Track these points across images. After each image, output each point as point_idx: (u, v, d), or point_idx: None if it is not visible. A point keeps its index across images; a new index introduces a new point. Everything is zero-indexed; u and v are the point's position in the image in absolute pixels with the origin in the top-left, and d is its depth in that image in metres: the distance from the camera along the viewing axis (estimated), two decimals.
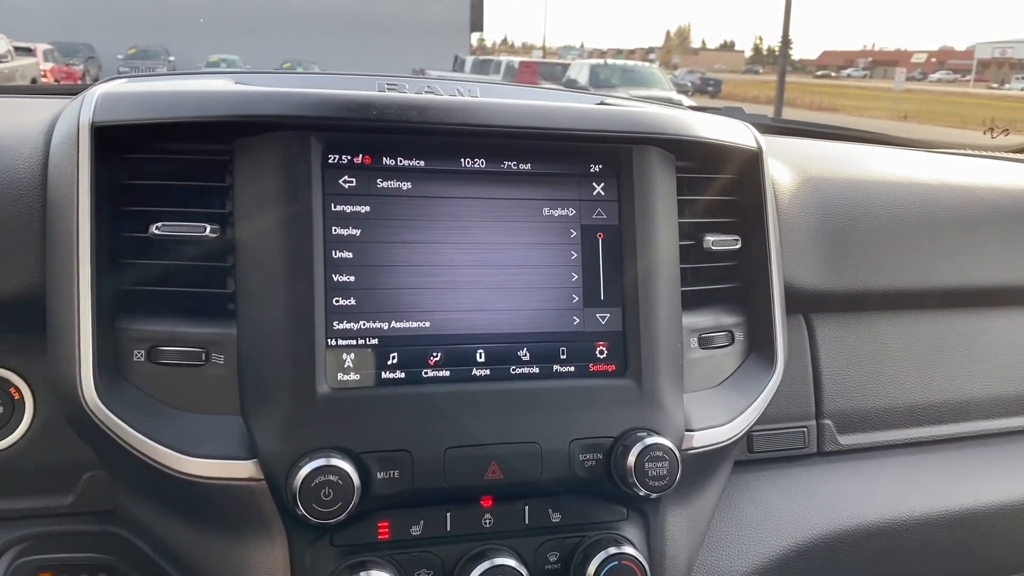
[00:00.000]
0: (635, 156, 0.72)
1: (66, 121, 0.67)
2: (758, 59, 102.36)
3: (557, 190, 0.71)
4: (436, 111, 0.67)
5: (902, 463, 0.95)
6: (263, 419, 0.63)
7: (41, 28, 20.09)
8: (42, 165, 0.67)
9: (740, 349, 0.82)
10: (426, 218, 0.67)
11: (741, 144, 0.80)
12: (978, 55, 61.39)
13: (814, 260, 0.88)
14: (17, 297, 0.66)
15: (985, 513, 0.91)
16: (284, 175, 0.64)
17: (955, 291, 0.98)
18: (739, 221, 0.82)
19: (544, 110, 0.71)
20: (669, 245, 0.74)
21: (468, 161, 0.69)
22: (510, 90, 1.00)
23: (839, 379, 0.93)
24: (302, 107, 0.65)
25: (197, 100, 0.66)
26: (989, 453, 0.99)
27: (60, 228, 0.64)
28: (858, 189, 0.93)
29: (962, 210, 0.98)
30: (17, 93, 1.02)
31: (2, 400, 0.68)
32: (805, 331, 0.93)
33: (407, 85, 0.81)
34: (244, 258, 0.65)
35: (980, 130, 1.41)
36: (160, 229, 0.65)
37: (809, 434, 0.91)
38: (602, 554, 0.67)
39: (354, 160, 0.66)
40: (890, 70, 53.78)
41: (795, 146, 1.06)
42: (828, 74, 75.86)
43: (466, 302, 0.68)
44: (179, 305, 0.66)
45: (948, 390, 0.98)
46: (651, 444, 0.66)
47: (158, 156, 0.67)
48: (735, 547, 0.82)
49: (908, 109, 21.29)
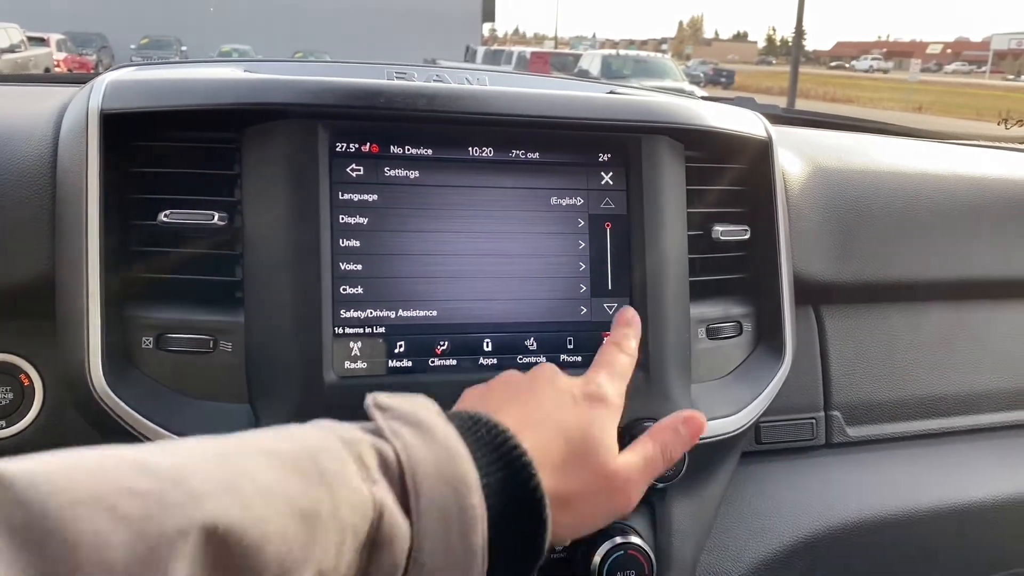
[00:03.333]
0: (644, 145, 0.72)
1: (75, 109, 0.67)
2: (771, 50, 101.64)
3: (565, 179, 0.71)
4: (444, 99, 0.67)
5: (911, 455, 0.94)
6: (270, 407, 0.64)
7: (54, 18, 20.16)
8: (51, 153, 0.67)
9: (748, 340, 0.82)
10: (434, 207, 0.67)
11: (751, 133, 0.79)
12: (994, 46, 60.73)
13: (824, 251, 0.88)
14: (27, 284, 0.67)
15: (995, 505, 0.91)
16: (292, 164, 0.64)
17: (967, 283, 0.98)
18: (748, 211, 0.81)
19: (553, 99, 0.70)
20: (678, 235, 0.74)
21: (476, 150, 0.69)
22: (519, 79, 1.00)
23: (848, 371, 0.93)
24: (309, 95, 0.65)
25: (205, 88, 0.66)
26: (999, 446, 0.98)
27: (69, 215, 0.64)
28: (869, 180, 0.92)
29: (975, 201, 0.97)
30: (27, 82, 1.03)
31: (12, 387, 0.68)
32: (814, 322, 0.92)
33: (416, 74, 0.80)
34: (252, 246, 0.66)
35: (995, 121, 1.40)
36: (169, 217, 0.65)
37: (817, 425, 0.91)
38: (608, 543, 0.67)
39: (362, 148, 0.66)
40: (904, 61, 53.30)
41: (806, 136, 1.05)
42: (842, 65, 75.27)
43: (473, 291, 0.68)
44: (188, 293, 0.67)
45: (958, 382, 0.98)
46: None
47: (167, 144, 0.67)
48: (742, 538, 0.82)
49: (922, 100, 21.10)
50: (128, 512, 0.30)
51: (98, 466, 0.32)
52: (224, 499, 0.33)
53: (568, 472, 0.49)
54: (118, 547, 0.30)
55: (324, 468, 0.37)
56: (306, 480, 0.36)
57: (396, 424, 0.42)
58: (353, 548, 0.37)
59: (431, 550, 0.39)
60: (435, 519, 0.39)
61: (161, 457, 0.34)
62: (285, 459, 0.37)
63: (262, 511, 0.34)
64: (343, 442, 0.39)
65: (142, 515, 0.31)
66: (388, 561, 0.38)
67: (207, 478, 0.33)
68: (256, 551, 0.33)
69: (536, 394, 0.54)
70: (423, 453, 0.40)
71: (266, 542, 0.33)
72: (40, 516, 0.29)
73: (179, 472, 0.33)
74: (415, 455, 0.40)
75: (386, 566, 0.38)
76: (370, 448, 0.40)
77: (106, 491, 0.31)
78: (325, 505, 0.36)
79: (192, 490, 0.32)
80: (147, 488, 0.32)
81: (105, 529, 0.30)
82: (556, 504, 0.46)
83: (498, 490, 0.43)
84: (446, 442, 0.42)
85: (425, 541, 0.39)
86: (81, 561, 0.29)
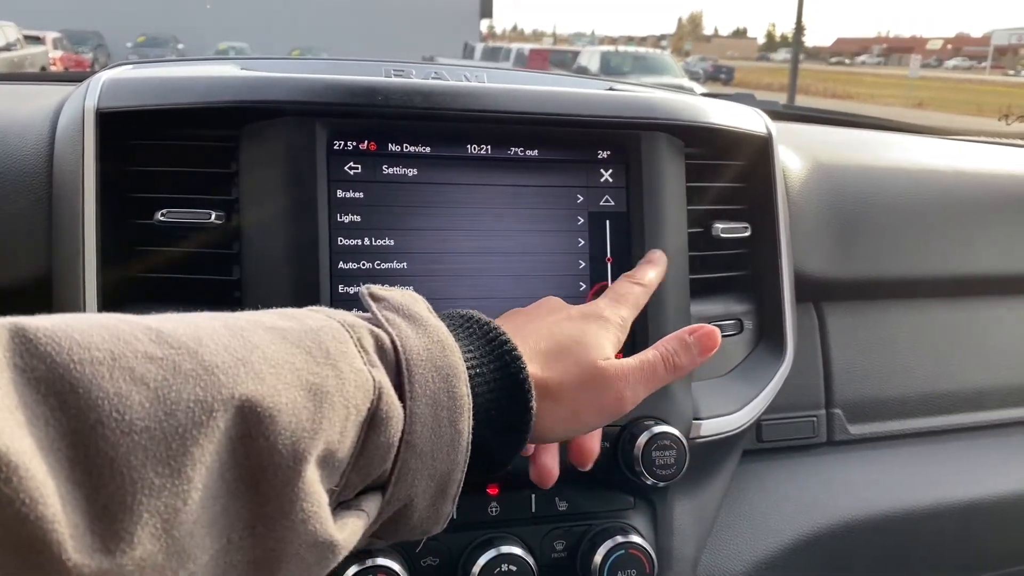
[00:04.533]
0: (643, 142, 0.71)
1: (71, 108, 0.67)
2: (771, 46, 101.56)
3: (564, 177, 0.70)
4: (442, 97, 0.67)
5: (913, 453, 0.94)
6: None
7: (50, 16, 20.13)
8: (47, 152, 0.67)
9: (749, 338, 0.81)
10: (432, 205, 0.67)
11: (751, 130, 0.79)
12: (995, 42, 60.70)
13: (825, 248, 0.87)
14: (24, 284, 0.66)
15: (997, 503, 0.91)
16: (289, 162, 0.64)
17: (968, 279, 0.97)
18: (749, 208, 0.81)
19: (551, 96, 0.70)
20: (677, 232, 0.73)
21: (474, 147, 0.68)
22: (517, 76, 1.00)
23: (850, 368, 0.92)
24: (306, 93, 0.64)
25: (201, 86, 0.65)
26: (1002, 443, 0.98)
27: (66, 215, 0.64)
28: (870, 176, 0.92)
29: (976, 197, 0.97)
30: (23, 80, 1.02)
31: None
32: (815, 319, 0.92)
33: (414, 71, 0.80)
34: (250, 245, 0.65)
35: (996, 117, 1.39)
36: (166, 216, 0.65)
37: (819, 423, 0.91)
38: (609, 543, 0.67)
39: (359, 146, 0.66)
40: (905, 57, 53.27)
41: (806, 133, 1.05)
42: (842, 61, 75.22)
43: (472, 289, 0.68)
44: (185, 292, 0.66)
45: (960, 379, 0.97)
46: (658, 433, 0.66)
47: (163, 142, 0.67)
48: (743, 537, 0.82)
49: (923, 96, 21.09)
50: (145, 376, 0.31)
51: (115, 328, 0.32)
52: (239, 371, 0.34)
53: (555, 364, 0.50)
54: (138, 408, 0.30)
55: (328, 348, 0.38)
56: (311, 357, 0.38)
57: (391, 314, 0.44)
58: (356, 425, 0.38)
59: (421, 432, 0.41)
60: (426, 404, 0.41)
61: (174, 326, 0.34)
62: (290, 336, 0.38)
63: (273, 383, 0.35)
64: (344, 325, 0.41)
65: (159, 381, 0.31)
66: (384, 440, 0.40)
67: (218, 350, 0.34)
68: (270, 421, 0.34)
69: (532, 313, 0.57)
70: (416, 342, 0.43)
71: (278, 413, 0.34)
72: (63, 369, 0.29)
73: (193, 342, 0.34)
74: (409, 343, 0.42)
75: (382, 445, 0.40)
76: (368, 333, 0.42)
77: (124, 352, 0.31)
78: (331, 382, 0.37)
79: (205, 361, 0.33)
80: (162, 355, 0.32)
81: (125, 390, 0.30)
82: (543, 394, 0.48)
83: (489, 379, 0.45)
84: (437, 334, 0.44)
85: (416, 424, 0.41)
86: (103, 417, 0.29)
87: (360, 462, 0.39)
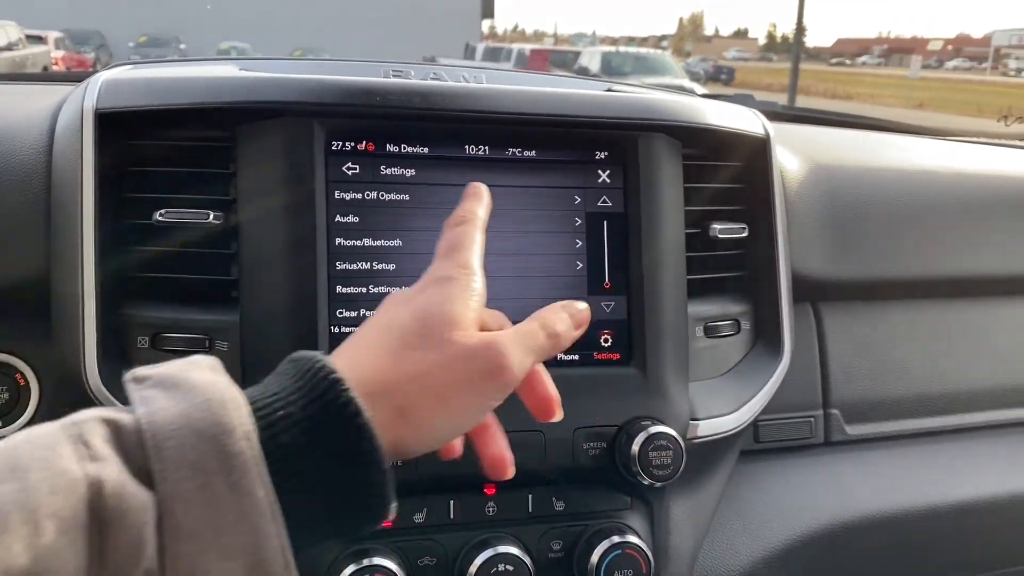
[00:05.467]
0: (641, 143, 0.72)
1: (70, 107, 0.67)
2: (772, 47, 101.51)
3: (562, 177, 0.71)
4: (440, 97, 0.67)
5: (910, 453, 0.94)
6: None
7: (52, 16, 20.15)
8: (46, 151, 0.67)
9: (746, 338, 0.81)
10: (430, 205, 0.67)
11: (749, 131, 0.79)
12: (995, 42, 60.64)
13: (822, 248, 0.88)
14: (23, 283, 0.67)
15: (993, 504, 0.91)
16: (287, 162, 0.64)
17: (966, 280, 0.97)
18: (746, 209, 0.81)
19: (549, 97, 0.70)
20: (675, 233, 0.73)
21: (472, 148, 0.69)
22: (517, 77, 1.00)
23: (847, 369, 0.93)
24: (305, 93, 0.64)
25: (200, 86, 0.65)
26: (998, 444, 0.98)
27: (64, 214, 0.64)
28: (868, 177, 0.92)
29: (974, 198, 0.97)
30: (23, 80, 1.02)
31: (8, 386, 0.68)
32: (813, 320, 0.92)
33: (413, 72, 0.80)
34: (247, 245, 0.65)
35: (996, 118, 1.39)
36: (164, 216, 0.65)
37: (816, 424, 0.91)
38: (605, 543, 0.67)
39: (358, 147, 0.66)
40: (905, 58, 53.22)
41: (805, 133, 1.05)
42: (843, 62, 75.18)
43: None
44: (183, 292, 0.66)
45: (958, 380, 0.97)
46: (655, 433, 0.66)
47: (162, 142, 0.67)
48: (740, 537, 0.82)
49: (923, 97, 21.08)
50: None
51: None
52: None
53: (406, 356, 0.44)
54: None
55: (18, 461, 0.34)
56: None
57: (150, 391, 0.39)
58: (67, 534, 0.33)
59: (188, 511, 0.35)
60: (186, 477, 0.35)
61: None
62: None
63: None
64: (61, 427, 0.36)
65: None
66: (124, 539, 0.34)
67: None
68: None
69: (374, 317, 0.50)
70: (169, 413, 0.37)
71: None
72: None
73: None
74: (160, 417, 0.37)
75: (124, 545, 0.34)
76: (99, 424, 0.37)
77: None
78: (9, 497, 0.32)
79: None
80: None
81: None
82: (396, 398, 0.43)
83: (300, 418, 0.39)
84: (205, 394, 0.38)
85: (177, 503, 0.35)
86: None
87: (104, 573, 0.34)
